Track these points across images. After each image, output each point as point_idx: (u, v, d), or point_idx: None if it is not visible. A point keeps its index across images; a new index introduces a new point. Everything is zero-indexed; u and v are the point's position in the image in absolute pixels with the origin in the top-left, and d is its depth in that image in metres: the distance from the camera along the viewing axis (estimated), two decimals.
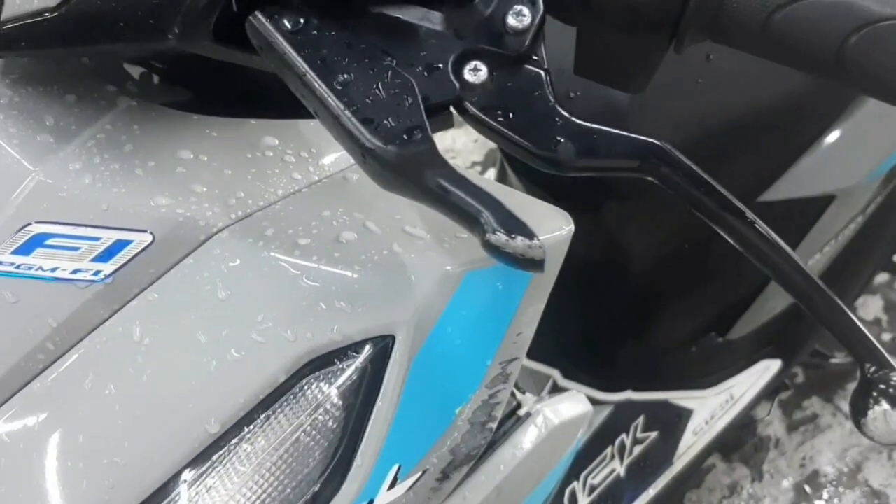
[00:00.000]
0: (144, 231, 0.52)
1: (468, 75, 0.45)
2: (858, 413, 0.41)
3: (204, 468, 0.50)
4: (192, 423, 0.50)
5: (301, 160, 0.58)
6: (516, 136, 0.44)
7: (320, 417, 0.50)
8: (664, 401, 1.37)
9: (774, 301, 1.34)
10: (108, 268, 0.52)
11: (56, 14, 0.49)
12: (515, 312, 0.53)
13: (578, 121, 0.45)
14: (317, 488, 0.50)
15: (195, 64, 0.63)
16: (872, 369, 0.43)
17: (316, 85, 0.44)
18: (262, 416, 0.50)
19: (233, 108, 0.61)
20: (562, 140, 0.44)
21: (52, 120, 0.55)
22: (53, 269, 0.52)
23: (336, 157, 0.59)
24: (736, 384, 1.39)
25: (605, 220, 1.16)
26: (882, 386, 0.42)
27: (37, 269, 0.52)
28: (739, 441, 1.79)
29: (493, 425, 0.55)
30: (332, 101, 0.43)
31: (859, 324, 0.45)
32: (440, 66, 0.45)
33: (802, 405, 1.84)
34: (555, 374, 1.36)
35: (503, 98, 0.45)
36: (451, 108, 0.46)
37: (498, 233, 0.40)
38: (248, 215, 0.54)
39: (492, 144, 1.40)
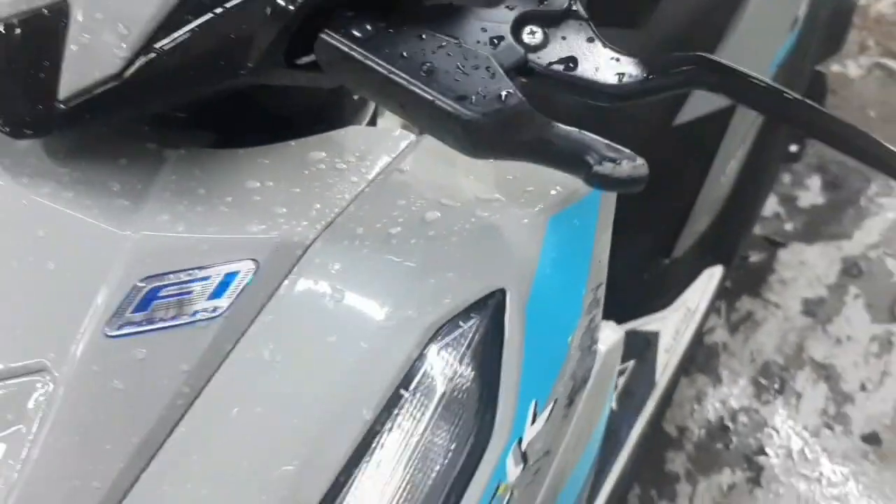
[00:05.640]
0: (247, 259, 0.55)
1: (527, 38, 0.51)
2: None
3: (371, 450, 0.54)
4: (347, 417, 0.54)
5: (351, 165, 0.62)
6: (589, 79, 0.50)
7: (459, 378, 0.55)
8: (631, 330, 1.46)
9: (704, 213, 1.45)
10: (223, 302, 0.55)
11: (122, 80, 0.52)
12: (594, 242, 0.59)
13: (628, 56, 0.51)
14: (473, 440, 0.55)
15: (215, 105, 0.66)
16: None
17: (403, 80, 0.48)
18: (408, 392, 0.55)
19: (259, 137, 0.64)
20: (624, 73, 0.50)
21: (117, 185, 0.58)
22: (174, 318, 0.55)
23: (377, 155, 0.63)
24: (689, 297, 1.50)
25: None
26: None
27: (158, 321, 0.54)
28: (692, 355, 1.91)
29: (596, 347, 0.61)
30: (423, 89, 0.48)
31: (889, 146, 0.52)
32: (503, 35, 0.50)
33: (736, 306, 1.97)
34: None
35: (563, 51, 0.51)
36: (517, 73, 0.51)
37: (605, 163, 0.46)
38: (331, 223, 0.58)
39: None
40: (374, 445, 0.54)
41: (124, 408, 0.54)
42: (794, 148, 1.71)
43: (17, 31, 0.51)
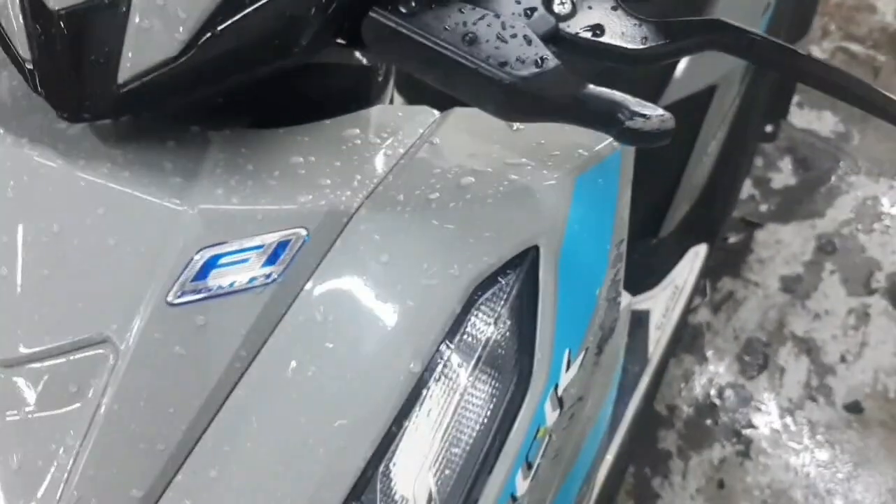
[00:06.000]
0: (299, 227, 0.59)
1: (557, 8, 0.55)
2: None
3: (420, 400, 0.58)
4: (396, 370, 0.58)
5: (384, 139, 0.66)
6: (616, 45, 0.54)
7: (499, 329, 0.59)
8: (623, 309, 1.51)
9: (688, 192, 1.51)
10: (277, 269, 0.59)
11: (180, 62, 0.55)
12: (616, 200, 0.63)
13: (651, 19, 0.56)
14: (513, 387, 0.59)
15: (252, 88, 0.70)
16: None
17: (449, 50, 0.52)
18: (453, 344, 0.59)
19: (293, 118, 0.68)
20: (647, 38, 0.55)
21: (170, 165, 0.61)
22: (231, 284, 0.58)
23: (408, 129, 0.67)
24: (676, 275, 1.55)
25: None
26: None
27: (217, 289, 0.58)
28: (678, 335, 1.97)
29: (620, 299, 0.66)
30: (469, 57, 0.52)
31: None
32: (535, 6, 0.55)
33: (717, 287, 2.03)
34: None
35: (590, 18, 0.55)
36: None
37: (635, 118, 0.50)
38: (372, 192, 0.62)
39: None
40: (423, 396, 0.58)
41: (186, 372, 0.58)
42: (769, 128, 1.77)
43: (79, 18, 0.54)
